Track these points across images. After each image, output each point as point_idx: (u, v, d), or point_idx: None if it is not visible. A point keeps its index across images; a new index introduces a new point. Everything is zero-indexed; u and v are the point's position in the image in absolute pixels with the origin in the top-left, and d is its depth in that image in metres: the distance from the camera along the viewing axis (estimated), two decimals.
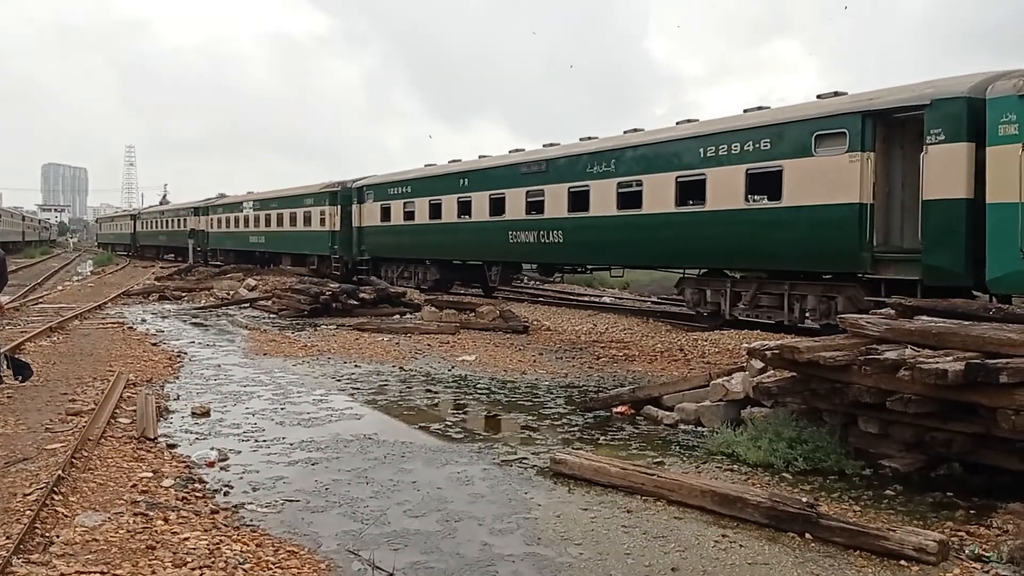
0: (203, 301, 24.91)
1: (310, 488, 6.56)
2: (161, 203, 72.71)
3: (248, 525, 5.68)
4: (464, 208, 24.32)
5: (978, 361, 5.97)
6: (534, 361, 13.43)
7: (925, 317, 7.66)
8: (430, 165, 27.95)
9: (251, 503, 6.17)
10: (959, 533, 5.53)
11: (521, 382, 11.58)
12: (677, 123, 18.10)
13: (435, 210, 25.66)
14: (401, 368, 12.59)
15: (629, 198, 17.84)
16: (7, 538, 4.95)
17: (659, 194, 17.01)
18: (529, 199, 21.21)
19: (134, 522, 5.45)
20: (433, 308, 20.30)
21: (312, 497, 6.33)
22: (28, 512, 5.39)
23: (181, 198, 76.75)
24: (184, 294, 26.79)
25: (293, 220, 35.90)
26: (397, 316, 20.16)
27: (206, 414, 9.24)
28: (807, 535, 5.40)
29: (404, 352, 14.20)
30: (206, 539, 5.21)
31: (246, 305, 23.45)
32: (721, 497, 5.88)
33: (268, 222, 39.18)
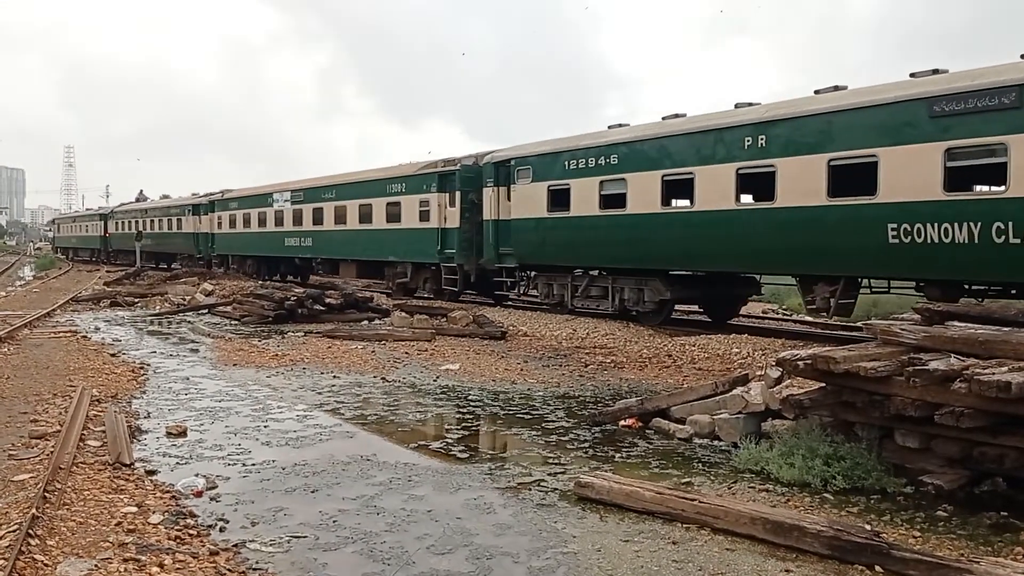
0: (158, 307, 23.86)
1: (315, 520, 5.91)
2: (138, 200, 59.58)
3: (256, 569, 5.03)
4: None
5: None
6: (521, 369, 12.88)
7: (957, 323, 7.30)
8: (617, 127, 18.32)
9: (253, 540, 5.51)
10: None
11: (513, 393, 11.01)
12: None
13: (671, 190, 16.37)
14: (383, 379, 11.93)
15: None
16: None
17: None
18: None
19: (126, 570, 4.76)
20: (403, 313, 19.63)
21: (320, 532, 5.69)
22: (1, 562, 4.67)
23: (123, 199, 68.94)
24: (137, 300, 25.65)
25: (366, 215, 26.34)
26: (366, 322, 19.44)
27: (183, 434, 8.50)
28: (877, 568, 4.94)
29: (382, 361, 13.53)
30: None
31: (204, 311, 22.48)
32: (775, 525, 5.39)
33: (319, 219, 29.37)
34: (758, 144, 14.24)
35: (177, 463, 7.43)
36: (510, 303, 22.62)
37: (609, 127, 18.46)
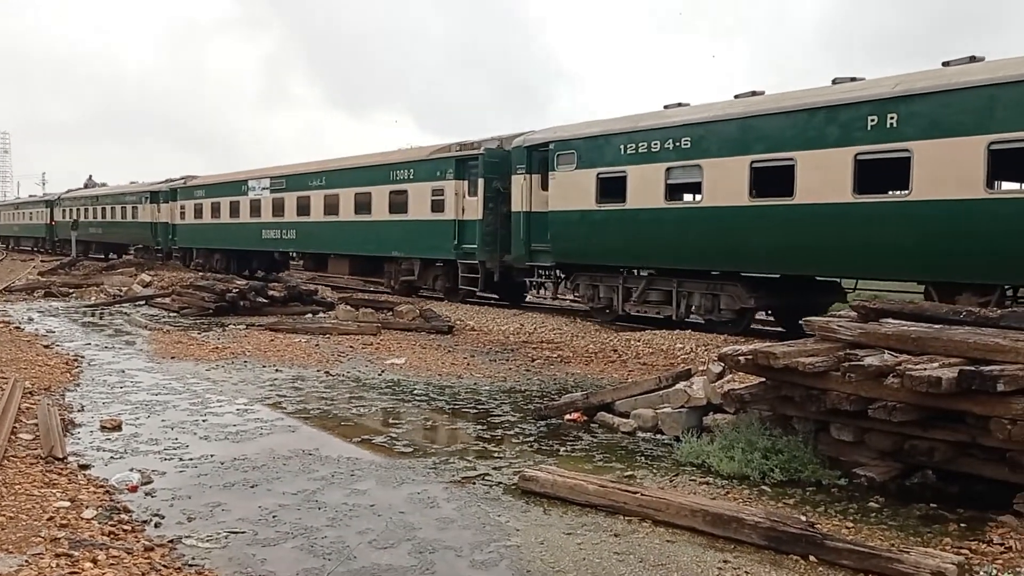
0: (94, 298, 23.22)
1: (255, 516, 5.82)
2: (87, 186, 55.41)
3: (191, 565, 4.92)
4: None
5: (972, 369, 5.76)
6: (467, 364, 12.86)
7: (892, 320, 7.50)
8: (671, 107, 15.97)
9: (189, 536, 5.40)
10: (962, 551, 5.27)
11: (460, 387, 10.99)
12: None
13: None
14: (327, 373, 11.80)
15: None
16: None
17: None
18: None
19: (57, 565, 4.63)
20: (348, 307, 19.45)
21: (259, 527, 5.61)
22: None
23: (59, 187, 64.59)
24: (72, 290, 24.96)
25: (364, 205, 23.73)
26: (310, 315, 19.22)
27: (118, 428, 8.29)
28: (811, 558, 5.05)
29: (326, 355, 13.38)
30: None
31: (142, 303, 21.95)
32: (714, 517, 5.47)
33: (304, 209, 26.62)
34: (887, 124, 11.95)
35: (112, 457, 7.25)
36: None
37: (666, 107, 16.03)
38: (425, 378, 11.58)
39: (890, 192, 13.08)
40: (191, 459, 7.26)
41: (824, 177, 12.68)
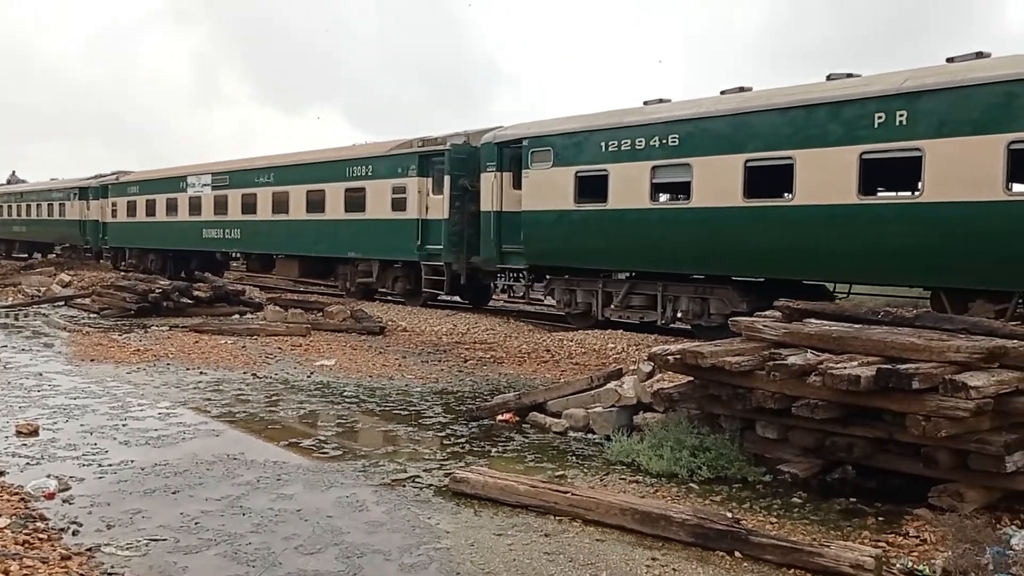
0: (10, 299, 22.31)
1: (176, 523, 5.65)
2: (10, 181, 52.58)
3: (111, 573, 4.76)
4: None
5: (889, 367, 5.95)
6: (399, 365, 12.76)
7: (814, 320, 7.70)
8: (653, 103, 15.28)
9: (108, 544, 5.22)
10: (879, 544, 5.43)
11: (391, 388, 10.89)
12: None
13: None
14: (254, 375, 11.57)
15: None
16: None
17: None
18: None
19: None
20: (277, 307, 19.07)
21: (181, 534, 5.45)
22: None
23: None
24: None
25: (317, 203, 22.66)
26: (237, 316, 18.80)
27: (34, 433, 7.98)
28: (737, 553, 5.14)
29: (253, 356, 13.12)
30: None
31: (61, 304, 21.20)
32: (643, 515, 5.53)
33: (250, 207, 25.29)
34: (896, 121, 11.41)
35: (27, 463, 6.97)
36: (389, 298, 21.57)
37: (646, 103, 15.32)
38: (355, 380, 11.45)
39: (899, 193, 12.59)
40: (111, 465, 7.03)
41: (826, 177, 12.17)
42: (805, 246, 12.59)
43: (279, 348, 14.00)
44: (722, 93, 14.16)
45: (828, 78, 12.84)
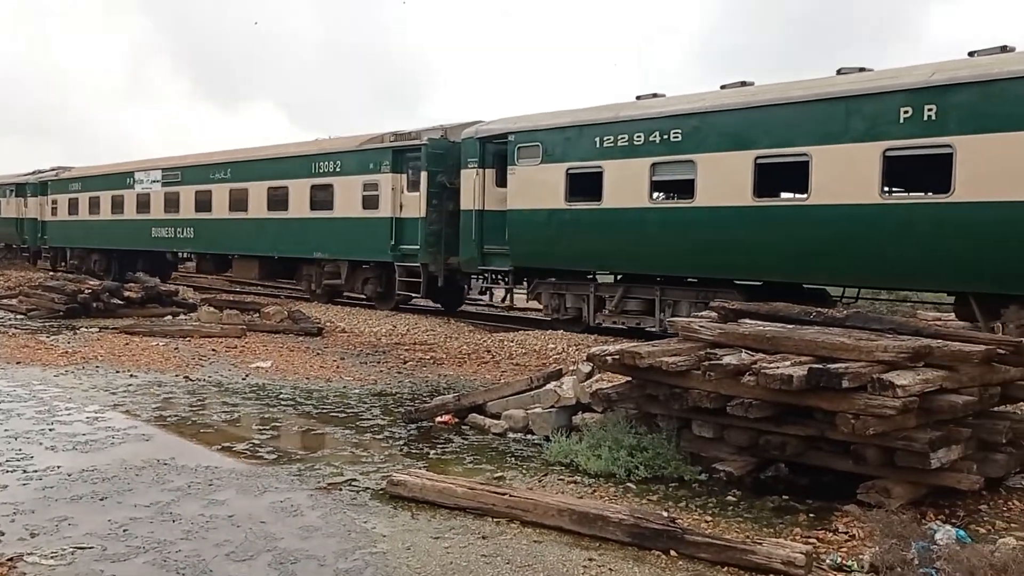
0: None
1: (103, 530, 5.48)
2: None
3: None
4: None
5: (820, 367, 6.07)
6: (337, 367, 12.60)
7: (749, 320, 7.83)
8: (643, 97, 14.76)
9: (32, 553, 5.03)
10: (810, 540, 5.54)
11: (328, 391, 10.74)
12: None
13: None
14: (187, 378, 11.31)
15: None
16: None
17: None
18: None
19: None
20: (211, 308, 18.74)
21: (109, 542, 5.28)
22: None
23: None
24: None
25: (279, 201, 21.65)
26: (169, 317, 18.40)
27: None
28: (672, 552, 5.18)
29: (186, 359, 12.82)
30: None
31: None
32: (580, 516, 5.54)
33: (205, 205, 24.22)
34: (923, 116, 10.88)
35: None
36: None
37: (639, 98, 14.74)
38: (292, 382, 11.27)
39: (928, 193, 11.94)
40: (36, 471, 6.78)
41: (846, 175, 11.55)
42: (821, 248, 12.00)
43: (213, 350, 13.72)
44: (723, 88, 13.64)
45: (839, 72, 12.35)
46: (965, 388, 6.34)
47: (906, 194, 12.00)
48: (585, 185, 14.68)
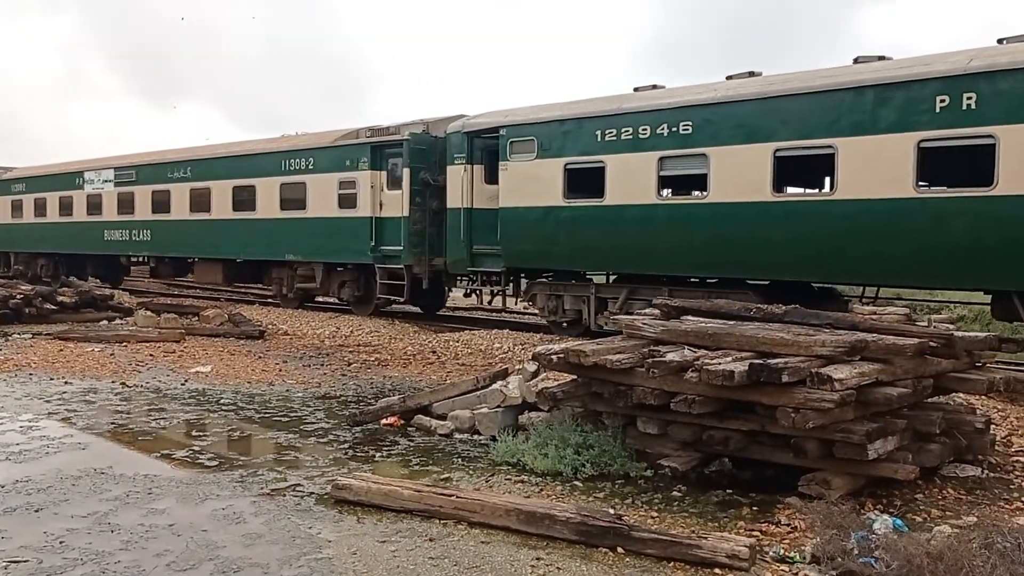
0: None
1: (39, 543, 5.31)
2: None
3: None
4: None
5: (760, 362, 6.17)
6: (280, 370, 12.42)
7: (691, 317, 7.93)
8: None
9: None
10: (754, 533, 5.64)
11: (271, 395, 10.58)
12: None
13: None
14: (124, 384, 11.02)
15: None
16: None
17: None
18: None
19: None
20: (148, 312, 18.28)
21: (45, 554, 5.12)
22: None
23: None
24: None
25: (246, 201, 20.44)
26: (105, 322, 17.90)
27: None
28: (619, 549, 5.22)
29: (123, 364, 12.50)
30: None
31: None
32: (528, 515, 5.54)
33: (162, 206, 22.86)
34: (962, 105, 10.33)
35: None
36: (270, 302, 20.70)
37: (636, 89, 14.07)
38: (233, 386, 11.07)
39: (968, 187, 11.08)
40: None
41: (875, 168, 10.97)
42: (849, 244, 11.34)
43: (151, 355, 13.40)
44: (728, 78, 13.02)
45: (855, 61, 11.87)
46: (900, 380, 6.50)
47: (943, 188, 11.27)
48: (585, 181, 13.97)
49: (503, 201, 14.99)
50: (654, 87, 13.92)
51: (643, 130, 13.03)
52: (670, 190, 14.07)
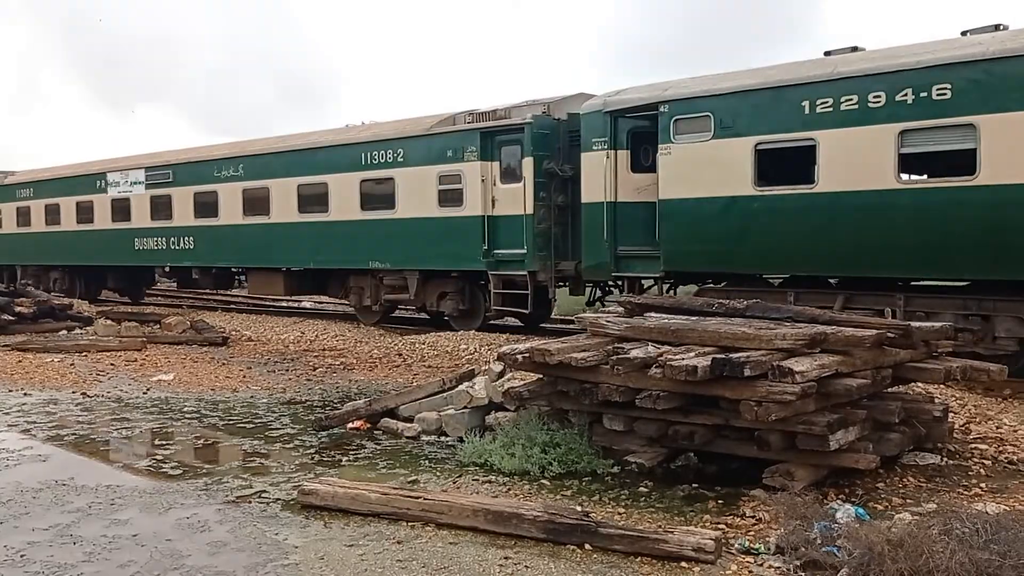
0: None
1: None
2: None
3: None
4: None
5: (723, 356, 6.24)
6: (244, 376, 12.30)
7: (654, 314, 7.99)
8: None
9: None
10: (719, 526, 5.70)
11: (235, 401, 10.47)
12: None
13: None
14: (84, 394, 10.85)
15: None
16: None
17: None
18: None
19: None
20: (108, 321, 18.01)
21: (5, 568, 5.03)
22: None
23: None
24: None
25: (315, 200, 17.71)
26: (64, 331, 17.59)
27: None
28: (587, 546, 5.25)
29: (83, 374, 12.31)
30: None
31: None
32: (495, 515, 5.55)
33: (207, 209, 20.17)
34: None
35: None
36: (233, 307, 20.63)
37: (827, 53, 11.76)
38: (196, 394, 10.95)
39: None
40: None
41: None
42: None
43: (112, 364, 13.21)
44: (963, 34, 10.86)
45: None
46: (859, 371, 6.61)
47: None
48: (785, 164, 11.72)
49: (664, 192, 12.52)
50: (854, 49, 11.64)
51: (874, 98, 10.68)
52: (916, 172, 11.69)
